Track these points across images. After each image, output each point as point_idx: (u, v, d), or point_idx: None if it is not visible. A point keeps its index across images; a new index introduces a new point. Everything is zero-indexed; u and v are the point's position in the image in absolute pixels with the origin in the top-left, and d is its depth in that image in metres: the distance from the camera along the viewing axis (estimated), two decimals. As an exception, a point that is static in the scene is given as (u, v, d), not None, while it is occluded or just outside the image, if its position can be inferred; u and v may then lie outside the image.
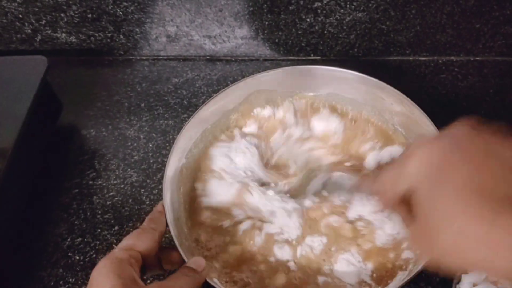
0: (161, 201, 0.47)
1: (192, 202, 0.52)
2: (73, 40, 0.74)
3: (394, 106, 0.55)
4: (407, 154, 0.36)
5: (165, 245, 0.46)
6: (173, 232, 0.44)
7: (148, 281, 0.49)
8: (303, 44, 0.72)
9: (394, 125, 0.56)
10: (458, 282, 0.47)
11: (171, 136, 0.64)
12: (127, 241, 0.40)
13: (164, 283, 0.38)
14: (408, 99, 0.53)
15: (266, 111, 0.59)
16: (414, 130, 0.53)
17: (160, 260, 0.43)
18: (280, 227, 0.49)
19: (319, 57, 0.73)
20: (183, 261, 0.42)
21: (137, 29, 0.72)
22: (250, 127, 0.58)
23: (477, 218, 0.29)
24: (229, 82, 0.70)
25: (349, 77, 0.57)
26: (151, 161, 0.62)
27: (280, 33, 0.71)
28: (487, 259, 0.29)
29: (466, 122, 0.35)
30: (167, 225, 0.45)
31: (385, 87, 0.55)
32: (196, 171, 0.54)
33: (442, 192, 0.32)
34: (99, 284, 0.36)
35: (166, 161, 0.50)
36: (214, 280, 0.42)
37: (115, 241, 0.55)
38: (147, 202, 0.58)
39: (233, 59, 0.75)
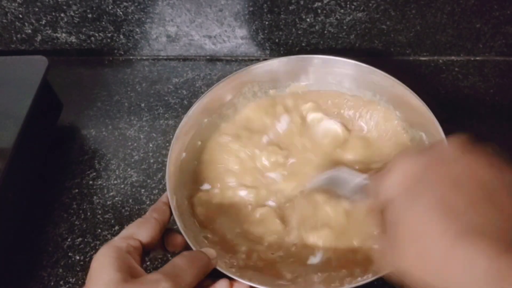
0: (166, 192, 0.47)
1: (194, 192, 0.53)
2: (73, 40, 0.74)
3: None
4: (390, 166, 0.36)
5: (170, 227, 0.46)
6: (179, 223, 0.44)
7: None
8: (303, 44, 0.72)
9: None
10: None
11: (171, 136, 0.64)
12: (127, 230, 0.40)
13: (169, 268, 0.37)
14: (402, 84, 0.54)
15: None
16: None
17: (163, 241, 0.43)
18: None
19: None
20: (187, 244, 0.42)
21: (137, 29, 0.72)
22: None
23: (439, 241, 0.30)
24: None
25: (344, 66, 0.57)
26: (151, 161, 0.62)
27: (280, 33, 0.71)
28: (444, 280, 0.30)
29: (455, 140, 0.34)
30: (171, 215, 0.45)
31: (378, 72, 0.55)
32: (196, 164, 0.55)
33: (413, 208, 0.32)
34: (98, 276, 0.36)
35: (166, 161, 0.50)
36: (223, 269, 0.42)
37: (115, 241, 0.55)
38: (148, 202, 0.58)
39: (233, 59, 0.75)
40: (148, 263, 0.51)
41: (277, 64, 0.58)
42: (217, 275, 0.41)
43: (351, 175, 0.45)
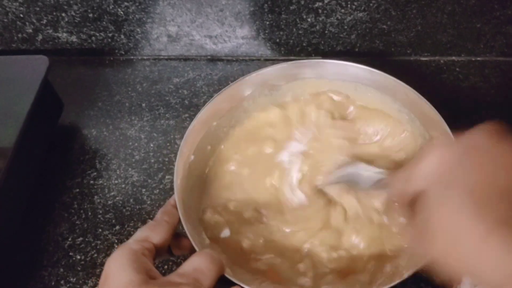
0: (173, 195, 0.47)
1: (202, 196, 0.53)
2: (74, 40, 0.74)
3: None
4: (421, 156, 0.36)
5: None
6: (185, 227, 0.44)
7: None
8: (304, 44, 0.72)
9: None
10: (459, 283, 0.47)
11: (172, 136, 0.64)
12: (141, 233, 0.40)
13: (188, 270, 0.36)
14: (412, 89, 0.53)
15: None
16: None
17: (169, 245, 0.43)
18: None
19: (320, 57, 0.73)
20: (193, 248, 0.43)
21: (138, 29, 0.72)
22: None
23: (472, 231, 0.30)
24: (230, 82, 0.69)
25: (347, 69, 0.57)
26: (152, 161, 0.62)
27: (281, 33, 0.71)
28: (476, 271, 0.30)
29: (488, 128, 0.34)
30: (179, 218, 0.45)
31: (382, 75, 0.55)
32: (204, 168, 0.55)
33: (446, 197, 0.32)
34: (116, 276, 0.35)
35: (167, 161, 0.50)
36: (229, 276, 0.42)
37: (116, 241, 0.55)
38: (148, 202, 0.58)
39: (234, 59, 0.75)
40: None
41: (288, 67, 0.58)
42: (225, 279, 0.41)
43: (368, 171, 0.45)
